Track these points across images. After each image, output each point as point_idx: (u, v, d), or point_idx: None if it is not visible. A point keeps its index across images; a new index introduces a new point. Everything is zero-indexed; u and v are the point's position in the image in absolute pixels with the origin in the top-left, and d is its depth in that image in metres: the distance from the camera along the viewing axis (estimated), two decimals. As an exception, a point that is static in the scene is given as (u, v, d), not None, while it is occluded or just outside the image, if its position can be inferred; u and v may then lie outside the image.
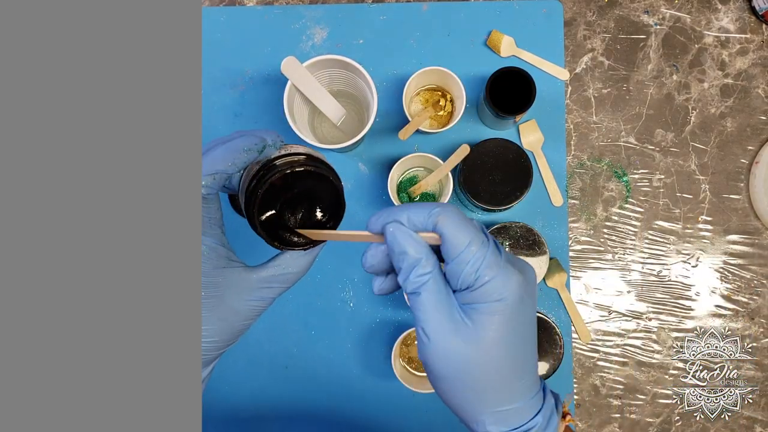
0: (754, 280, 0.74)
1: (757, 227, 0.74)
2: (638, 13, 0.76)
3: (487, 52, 0.74)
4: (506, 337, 0.32)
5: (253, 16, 0.75)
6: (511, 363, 0.33)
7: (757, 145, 0.74)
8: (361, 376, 0.73)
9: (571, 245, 0.74)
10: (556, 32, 0.75)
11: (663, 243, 0.74)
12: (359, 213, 0.74)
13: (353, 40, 0.75)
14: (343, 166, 0.74)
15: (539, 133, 0.73)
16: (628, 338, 0.74)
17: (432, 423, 0.73)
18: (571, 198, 0.74)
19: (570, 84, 0.75)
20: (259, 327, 0.73)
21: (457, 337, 0.32)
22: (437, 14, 0.75)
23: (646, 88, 0.75)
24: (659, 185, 0.74)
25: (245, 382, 0.73)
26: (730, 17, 0.75)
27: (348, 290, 0.73)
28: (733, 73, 0.75)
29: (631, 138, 0.75)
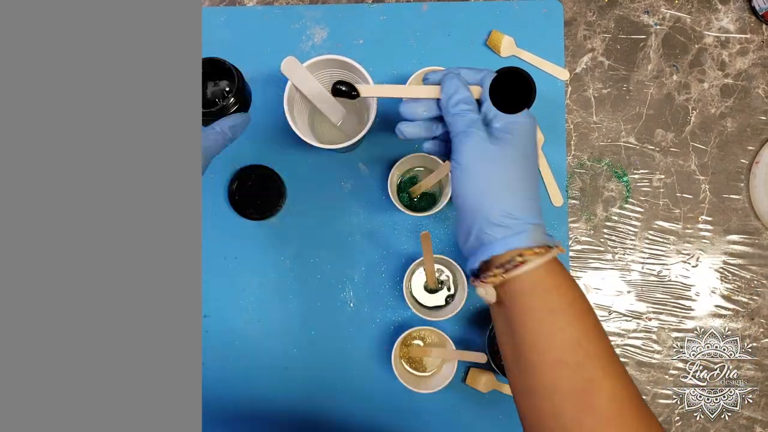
0: (754, 280, 0.74)
1: (758, 227, 0.74)
2: (638, 13, 0.75)
3: (487, 52, 0.74)
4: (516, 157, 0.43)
5: (253, 16, 0.75)
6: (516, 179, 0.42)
7: (758, 145, 0.74)
8: (361, 376, 0.73)
9: (571, 245, 0.74)
10: (556, 32, 0.75)
11: (663, 243, 0.74)
12: (359, 213, 0.74)
13: (353, 40, 0.75)
14: (343, 166, 0.74)
15: (539, 133, 0.73)
16: (628, 338, 0.74)
17: (432, 423, 0.73)
18: (571, 198, 0.74)
19: (570, 84, 0.75)
20: (259, 327, 0.74)
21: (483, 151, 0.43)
22: (437, 14, 0.75)
23: (646, 88, 0.75)
24: (659, 185, 0.74)
25: (245, 382, 0.73)
26: (730, 17, 0.75)
27: (348, 290, 0.73)
28: (733, 73, 0.75)
29: (631, 138, 0.75)
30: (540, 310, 0.41)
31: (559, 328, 0.40)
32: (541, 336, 0.40)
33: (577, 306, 0.41)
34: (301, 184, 0.74)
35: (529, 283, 0.41)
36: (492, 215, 0.42)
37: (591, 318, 0.41)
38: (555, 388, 0.39)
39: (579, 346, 0.40)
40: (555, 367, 0.39)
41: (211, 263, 0.73)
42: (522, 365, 0.41)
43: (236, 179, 0.71)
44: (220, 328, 0.73)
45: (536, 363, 0.40)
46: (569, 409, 0.39)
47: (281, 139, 0.74)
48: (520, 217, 0.42)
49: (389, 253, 0.74)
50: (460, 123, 0.45)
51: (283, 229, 0.74)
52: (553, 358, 0.40)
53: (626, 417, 0.38)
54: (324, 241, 0.74)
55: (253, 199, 0.72)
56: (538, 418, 0.40)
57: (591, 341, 0.40)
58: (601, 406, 0.38)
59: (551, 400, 0.39)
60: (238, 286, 0.74)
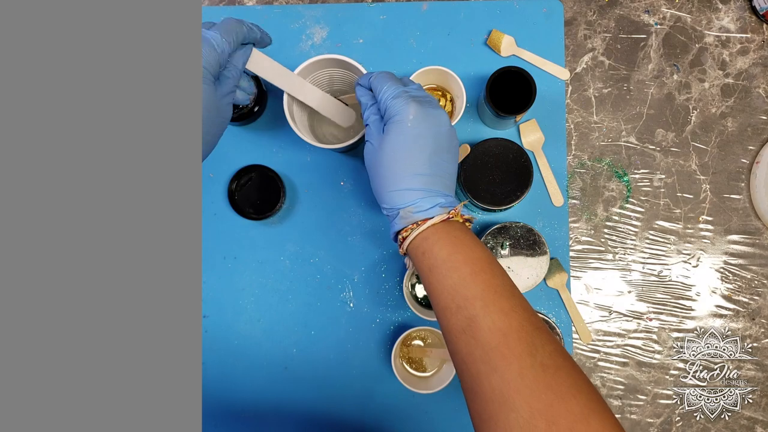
0: (755, 280, 0.74)
1: (758, 227, 0.74)
2: (639, 12, 0.75)
3: (487, 52, 0.74)
4: (397, 143, 0.50)
5: (252, 16, 0.75)
6: (400, 161, 0.50)
7: (758, 145, 0.74)
8: (361, 376, 0.73)
9: (572, 245, 0.74)
10: (556, 32, 0.74)
11: (663, 243, 0.74)
12: (359, 213, 0.74)
13: (353, 39, 0.75)
14: (343, 166, 0.74)
15: (540, 133, 0.73)
16: (629, 338, 0.74)
17: (432, 423, 0.72)
18: (571, 198, 0.74)
19: (570, 83, 0.75)
20: (259, 327, 0.73)
21: (375, 142, 0.52)
22: (437, 14, 0.75)
23: (647, 87, 0.75)
24: (660, 185, 0.74)
25: (245, 382, 0.73)
26: (730, 17, 0.75)
27: (348, 290, 0.73)
28: (733, 72, 0.75)
29: (632, 138, 0.74)
30: (423, 269, 0.49)
31: (437, 281, 0.48)
32: (430, 290, 0.49)
33: (452, 260, 0.48)
34: (301, 184, 0.74)
35: (412, 251, 0.50)
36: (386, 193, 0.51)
37: (468, 266, 0.47)
38: (449, 330, 0.46)
39: (456, 292, 0.46)
40: (443, 312, 0.47)
41: (211, 263, 0.73)
42: (436, 316, 0.49)
43: (236, 179, 0.71)
44: (220, 328, 0.73)
45: (436, 312, 0.48)
46: (462, 344, 0.45)
47: (281, 139, 0.73)
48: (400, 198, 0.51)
49: (389, 253, 0.73)
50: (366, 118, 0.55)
51: (283, 229, 0.74)
52: (441, 305, 0.47)
53: (510, 344, 0.43)
54: (324, 241, 0.73)
55: (253, 199, 0.72)
56: (453, 355, 0.47)
57: (467, 286, 0.46)
58: (484, 338, 0.44)
59: (450, 339, 0.46)
60: (238, 286, 0.73)
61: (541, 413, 0.40)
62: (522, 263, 0.70)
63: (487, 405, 0.42)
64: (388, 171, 0.51)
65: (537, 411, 0.40)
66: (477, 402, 0.43)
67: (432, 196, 0.51)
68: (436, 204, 0.50)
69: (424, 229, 0.50)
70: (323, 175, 0.74)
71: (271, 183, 0.71)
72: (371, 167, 0.53)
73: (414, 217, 0.50)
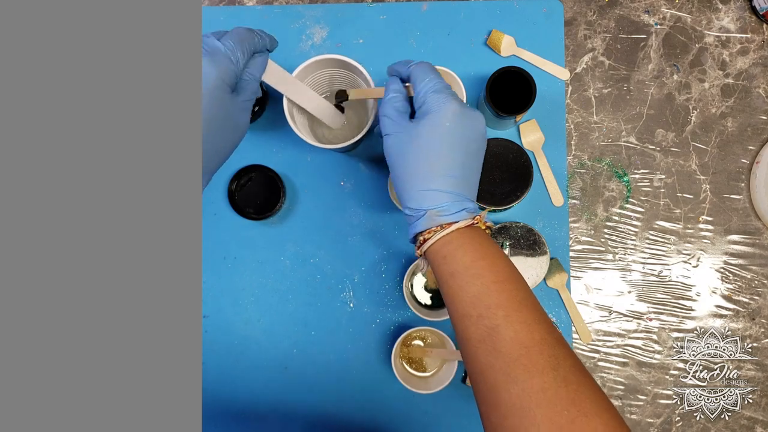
0: (755, 280, 0.74)
1: (758, 227, 0.74)
2: (639, 12, 0.75)
3: (487, 52, 0.74)
4: (432, 140, 0.48)
5: (252, 16, 0.75)
6: (433, 160, 0.48)
7: (758, 145, 0.74)
8: (361, 376, 0.73)
9: (572, 245, 0.74)
10: (556, 32, 0.74)
11: (664, 243, 0.74)
12: (359, 213, 0.74)
13: (353, 39, 0.75)
14: (343, 166, 0.74)
15: (540, 133, 0.73)
16: (629, 338, 0.74)
17: (432, 423, 0.72)
18: (571, 198, 0.74)
19: (570, 84, 0.75)
20: (258, 328, 0.73)
21: (404, 135, 0.49)
22: (437, 14, 0.75)
23: (647, 87, 0.75)
24: (660, 185, 0.74)
25: (245, 382, 0.73)
26: (730, 17, 0.75)
27: (348, 290, 0.73)
28: (733, 72, 0.75)
29: (632, 138, 0.74)
30: (442, 274, 0.48)
31: (459, 287, 0.46)
32: (449, 295, 0.47)
33: (476, 267, 0.46)
34: (301, 184, 0.74)
35: (432, 254, 0.49)
36: (408, 196, 0.50)
37: (492, 274, 0.46)
38: (467, 338, 0.45)
39: (478, 300, 0.45)
40: (462, 320, 0.46)
41: (211, 263, 0.73)
42: (451, 319, 0.48)
43: (236, 179, 0.71)
44: (220, 328, 0.73)
45: (453, 318, 0.47)
46: (482, 354, 0.44)
47: (281, 139, 0.73)
48: (422, 204, 0.49)
49: (389, 253, 0.73)
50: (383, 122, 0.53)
51: (283, 229, 0.74)
52: (460, 312, 0.46)
53: (532, 356, 0.42)
54: (324, 241, 0.73)
55: (253, 199, 0.72)
56: (469, 365, 0.46)
57: (490, 295, 0.45)
58: (505, 349, 0.43)
59: (468, 348, 0.45)
60: (238, 286, 0.73)
61: (563, 429, 0.39)
62: (522, 263, 0.70)
63: (506, 418, 0.41)
64: (419, 168, 0.49)
65: (559, 426, 0.39)
66: (495, 414, 0.42)
67: (460, 200, 0.49)
68: (463, 208, 0.49)
69: (448, 233, 0.48)
70: (323, 175, 0.74)
71: (271, 183, 0.71)
72: (397, 163, 0.50)
73: (439, 219, 0.48)
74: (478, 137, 0.50)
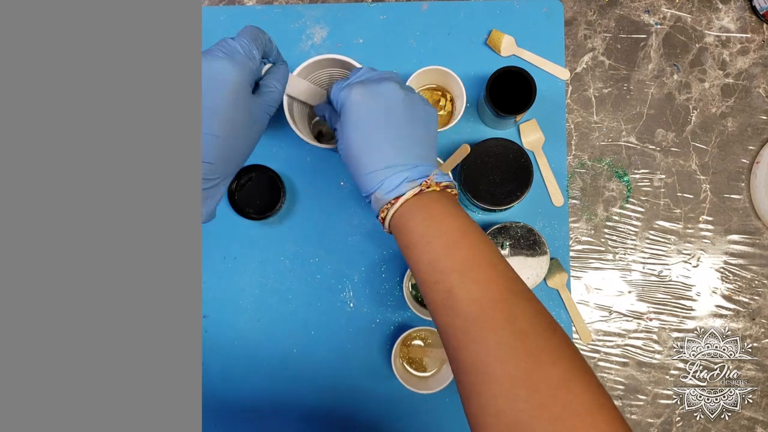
0: (755, 280, 0.74)
1: (758, 227, 0.74)
2: (639, 12, 0.75)
3: (487, 52, 0.74)
4: (351, 130, 0.51)
5: (252, 16, 0.75)
6: (360, 146, 0.50)
7: (758, 145, 0.74)
8: (361, 376, 0.73)
9: (572, 245, 0.74)
10: (556, 32, 0.74)
11: (664, 243, 0.74)
12: (359, 213, 0.74)
13: (353, 39, 0.75)
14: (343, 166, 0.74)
15: (540, 133, 0.73)
16: (629, 338, 0.74)
17: (432, 423, 0.72)
18: (571, 198, 0.74)
19: (570, 83, 0.75)
20: (258, 328, 0.73)
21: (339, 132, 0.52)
22: (437, 14, 0.75)
23: (647, 87, 0.75)
24: (660, 185, 0.74)
25: (245, 382, 0.73)
26: (730, 17, 0.75)
27: (348, 290, 0.73)
28: (733, 72, 0.75)
29: (632, 138, 0.74)
30: (402, 248, 0.49)
31: (417, 257, 0.48)
32: (410, 265, 0.49)
33: (428, 234, 0.47)
34: (301, 184, 0.74)
35: (393, 230, 0.51)
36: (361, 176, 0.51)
37: (442, 239, 0.47)
38: (429, 302, 0.47)
39: (432, 267, 0.46)
40: (423, 287, 0.47)
41: (211, 263, 0.73)
42: (420, 290, 0.50)
43: (236, 179, 0.71)
44: (220, 328, 0.73)
45: (419, 287, 0.48)
46: (442, 317, 0.45)
47: (281, 139, 0.73)
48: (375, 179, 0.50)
49: (389, 253, 0.73)
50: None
51: (283, 229, 0.74)
52: (421, 280, 0.47)
53: (488, 313, 0.43)
54: (324, 241, 0.73)
55: (253, 199, 0.72)
56: (438, 330, 0.47)
57: (441, 260, 0.46)
58: (463, 309, 0.44)
59: (432, 314, 0.47)
60: (238, 286, 0.73)
61: (521, 380, 0.40)
62: (522, 263, 0.70)
63: (469, 376, 0.42)
64: (352, 158, 0.51)
65: (517, 379, 0.40)
66: (460, 372, 0.44)
67: (398, 172, 0.49)
68: (403, 179, 0.49)
69: (397, 208, 0.49)
70: (323, 175, 0.74)
71: (271, 183, 0.71)
72: (344, 161, 0.53)
73: (385, 198, 0.49)
74: (398, 100, 0.51)
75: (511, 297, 0.44)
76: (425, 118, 0.53)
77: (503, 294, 0.44)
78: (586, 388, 0.40)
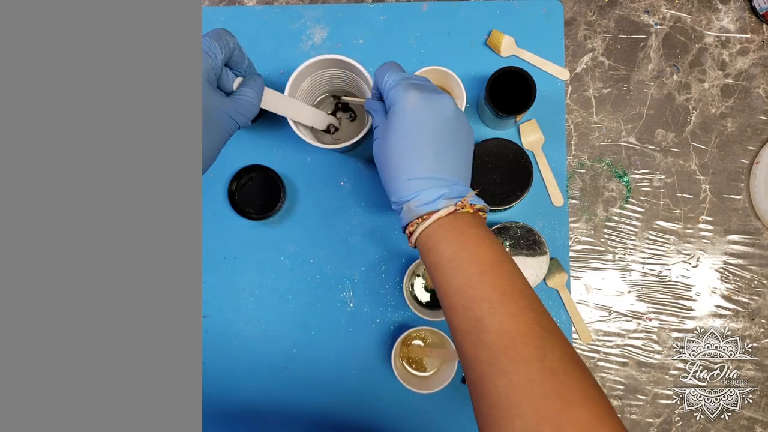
0: (755, 280, 0.74)
1: (758, 227, 0.74)
2: (639, 13, 0.75)
3: (487, 52, 0.74)
4: (398, 131, 0.48)
5: (252, 16, 0.75)
6: (404, 150, 0.48)
7: (758, 145, 0.74)
8: (361, 376, 0.73)
9: (572, 245, 0.74)
10: (556, 32, 0.75)
11: (663, 243, 0.74)
12: (359, 213, 0.74)
13: (353, 39, 0.75)
14: (343, 166, 0.74)
15: (539, 133, 0.73)
16: (629, 338, 0.74)
17: (432, 423, 0.73)
18: (571, 198, 0.74)
19: (570, 84, 0.75)
20: (258, 328, 0.73)
21: (379, 133, 0.51)
22: (437, 14, 0.75)
23: (647, 88, 0.75)
24: (660, 185, 0.74)
25: (245, 382, 0.73)
26: (730, 17, 0.75)
27: (348, 290, 0.73)
28: (733, 73, 0.75)
29: (632, 138, 0.75)
30: (429, 266, 0.48)
31: (444, 279, 0.46)
32: (436, 286, 0.47)
33: (459, 258, 0.46)
34: (301, 184, 0.74)
35: (420, 246, 0.49)
36: (398, 184, 0.49)
37: (475, 265, 0.45)
38: (455, 330, 0.45)
39: (462, 292, 0.45)
40: (449, 311, 0.46)
41: (211, 263, 0.73)
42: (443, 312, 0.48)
43: (236, 179, 0.71)
44: (220, 328, 0.73)
45: (443, 309, 0.47)
46: (468, 345, 0.44)
47: (281, 139, 0.74)
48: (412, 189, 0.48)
49: (389, 253, 0.73)
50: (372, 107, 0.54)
51: (283, 229, 0.74)
52: (447, 304, 0.46)
53: (518, 347, 0.42)
54: (324, 241, 0.74)
55: (253, 199, 0.72)
56: (459, 355, 0.46)
57: (474, 286, 0.45)
58: (491, 340, 0.42)
59: (456, 338, 0.45)
60: (238, 286, 0.73)
61: (548, 420, 0.39)
62: (522, 263, 0.70)
63: (493, 408, 0.41)
64: (391, 161, 0.49)
65: (544, 417, 0.39)
66: (483, 404, 0.42)
67: (436, 186, 0.48)
68: (440, 195, 0.47)
69: (428, 225, 0.47)
70: (323, 175, 0.74)
71: (271, 183, 0.71)
72: (377, 160, 0.51)
73: (418, 210, 0.48)
74: (449, 116, 0.50)
75: (542, 333, 0.43)
76: (468, 140, 0.52)
77: (534, 329, 0.43)
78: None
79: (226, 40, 0.51)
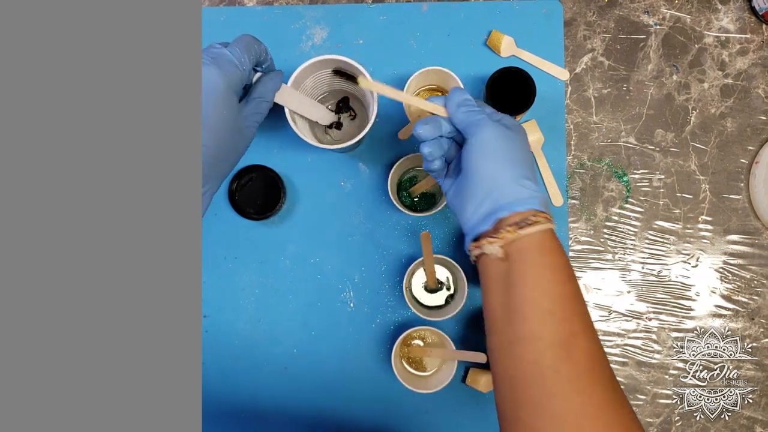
0: (754, 280, 0.74)
1: (757, 227, 0.74)
2: (638, 13, 0.76)
3: (487, 52, 0.74)
4: (518, 142, 0.50)
5: (252, 16, 0.75)
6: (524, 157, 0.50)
7: (757, 145, 0.74)
8: (361, 376, 0.73)
9: (571, 245, 0.74)
10: (556, 32, 0.75)
11: (663, 243, 0.74)
12: (359, 213, 0.74)
13: (353, 40, 0.75)
14: (343, 166, 0.74)
15: (539, 133, 0.73)
16: (628, 338, 0.74)
17: (432, 423, 0.73)
18: (571, 198, 0.74)
19: (570, 84, 0.75)
20: (259, 328, 0.74)
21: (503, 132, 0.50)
22: (437, 14, 0.75)
23: (646, 88, 0.75)
24: (659, 185, 0.74)
25: (245, 382, 0.73)
26: (730, 17, 0.75)
27: (348, 290, 0.73)
28: (733, 73, 0.75)
29: (631, 138, 0.75)
30: (543, 265, 0.46)
31: (558, 282, 0.45)
32: (539, 288, 0.45)
33: (570, 268, 0.47)
34: (301, 184, 0.74)
35: (537, 241, 0.47)
36: (511, 180, 0.48)
37: (576, 282, 0.47)
38: (540, 337, 0.43)
39: (569, 302, 0.44)
40: (545, 317, 0.44)
41: (211, 263, 0.73)
42: (511, 317, 0.46)
43: (236, 179, 0.71)
44: (220, 328, 0.73)
45: (527, 313, 0.44)
46: (549, 357, 0.42)
47: (281, 139, 0.74)
48: (531, 185, 0.49)
49: (389, 253, 0.74)
50: (475, 116, 0.51)
51: (283, 229, 0.74)
52: (545, 308, 0.44)
53: (598, 372, 0.42)
54: (324, 241, 0.74)
55: (253, 199, 0.72)
56: (515, 367, 0.44)
57: (578, 301, 0.45)
58: (579, 358, 0.42)
59: (535, 347, 0.43)
60: (238, 286, 0.74)
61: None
62: (522, 263, 0.70)
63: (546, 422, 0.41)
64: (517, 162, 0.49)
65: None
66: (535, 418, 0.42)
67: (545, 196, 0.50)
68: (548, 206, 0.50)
69: (548, 228, 0.47)
70: (323, 175, 0.74)
71: (271, 183, 0.71)
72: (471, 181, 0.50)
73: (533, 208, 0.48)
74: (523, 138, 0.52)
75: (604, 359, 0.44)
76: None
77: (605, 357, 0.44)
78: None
79: (255, 49, 0.53)
